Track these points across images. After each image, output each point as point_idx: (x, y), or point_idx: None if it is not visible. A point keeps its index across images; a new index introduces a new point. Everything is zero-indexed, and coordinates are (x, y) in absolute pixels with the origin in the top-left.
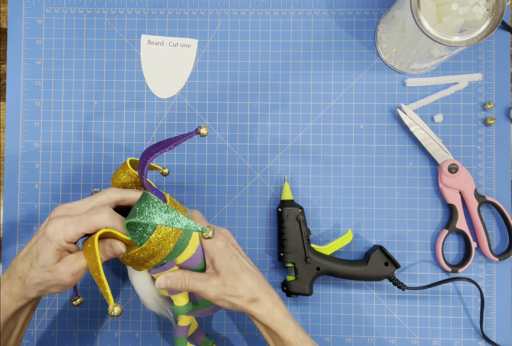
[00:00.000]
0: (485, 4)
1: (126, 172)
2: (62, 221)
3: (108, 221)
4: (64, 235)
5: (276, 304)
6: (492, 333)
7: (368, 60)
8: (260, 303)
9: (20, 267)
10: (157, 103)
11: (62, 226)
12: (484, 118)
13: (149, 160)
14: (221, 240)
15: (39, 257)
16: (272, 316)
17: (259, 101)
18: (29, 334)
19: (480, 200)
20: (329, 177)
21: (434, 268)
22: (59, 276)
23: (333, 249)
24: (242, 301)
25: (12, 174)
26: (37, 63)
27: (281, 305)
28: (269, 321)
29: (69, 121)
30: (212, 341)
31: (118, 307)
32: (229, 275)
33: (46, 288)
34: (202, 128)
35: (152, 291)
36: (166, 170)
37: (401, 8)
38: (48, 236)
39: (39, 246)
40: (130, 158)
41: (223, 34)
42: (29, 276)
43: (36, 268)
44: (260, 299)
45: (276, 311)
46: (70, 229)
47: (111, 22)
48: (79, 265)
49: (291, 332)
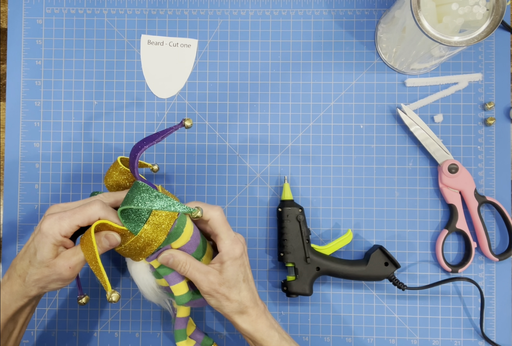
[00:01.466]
0: (485, 4)
1: (117, 169)
2: (56, 216)
3: (100, 211)
4: (59, 228)
5: (259, 316)
6: (492, 333)
7: (368, 60)
8: (244, 315)
9: (19, 266)
10: (157, 103)
11: (56, 220)
12: (484, 118)
13: (139, 153)
14: (240, 248)
15: (36, 253)
16: (255, 327)
17: (259, 101)
18: (29, 334)
19: (480, 200)
20: (329, 177)
21: (434, 268)
22: (58, 270)
23: (333, 249)
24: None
25: (12, 174)
26: (37, 63)
27: (264, 317)
28: (252, 331)
29: (69, 121)
30: (211, 340)
31: (116, 293)
32: (230, 280)
33: (46, 284)
34: (186, 120)
35: (150, 281)
36: (156, 167)
37: (401, 8)
38: (44, 232)
39: (36, 243)
40: (120, 157)
41: (223, 34)
42: (28, 273)
43: (34, 264)
44: (247, 311)
45: (259, 322)
46: (64, 223)
47: (111, 22)
48: (76, 258)
49: (275, 342)
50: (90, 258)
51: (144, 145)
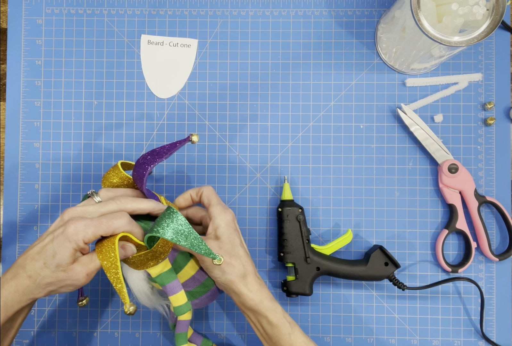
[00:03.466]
0: (485, 4)
1: (118, 175)
2: (83, 222)
3: (126, 226)
4: (83, 236)
5: (263, 286)
6: (492, 333)
7: (368, 60)
8: (247, 281)
9: (30, 266)
10: (157, 103)
11: (83, 227)
12: (484, 118)
13: (147, 171)
14: (230, 213)
15: (55, 256)
16: (260, 296)
17: (259, 101)
18: (29, 334)
19: (480, 200)
20: (329, 177)
21: (434, 268)
22: (75, 276)
23: (333, 249)
24: (233, 272)
25: (12, 174)
26: (37, 63)
27: (266, 289)
28: (257, 301)
29: (69, 121)
30: (210, 342)
31: (134, 306)
32: (228, 243)
33: (57, 288)
34: (194, 136)
35: (145, 288)
36: None
37: (401, 8)
38: (68, 236)
39: (55, 246)
40: (120, 161)
41: (223, 34)
42: (41, 275)
43: (50, 267)
44: (249, 277)
45: (263, 291)
46: (89, 231)
47: (111, 22)
48: (93, 266)
49: (279, 314)
50: (107, 267)
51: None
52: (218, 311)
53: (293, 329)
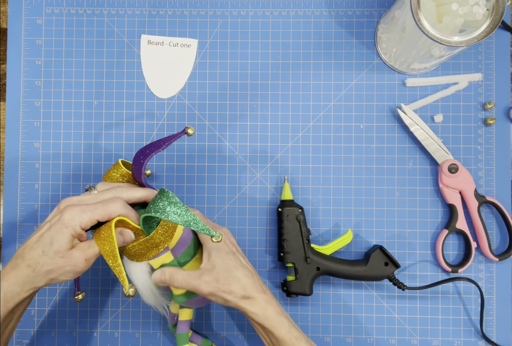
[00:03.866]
0: (485, 4)
1: (119, 171)
2: (78, 208)
3: (122, 209)
4: (80, 221)
5: (269, 302)
6: (492, 333)
7: (368, 60)
8: (253, 300)
9: (29, 255)
10: (157, 103)
11: (79, 212)
12: (484, 118)
13: (146, 161)
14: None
15: (53, 243)
16: (266, 313)
17: (259, 101)
18: (29, 334)
19: (480, 200)
20: (329, 177)
21: (434, 268)
22: (73, 262)
23: (333, 249)
24: (235, 297)
25: (12, 174)
26: (37, 63)
27: (274, 303)
28: (262, 318)
29: (69, 121)
30: (210, 342)
31: (133, 287)
32: (223, 271)
33: (57, 275)
34: (189, 129)
35: (149, 282)
36: (149, 171)
37: (401, 8)
38: (65, 222)
39: (53, 233)
40: (121, 160)
41: (223, 34)
42: (40, 263)
43: (49, 254)
44: (253, 296)
45: (269, 308)
46: (85, 216)
47: (111, 22)
48: (92, 251)
49: (285, 329)
50: (106, 252)
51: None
52: (218, 311)
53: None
